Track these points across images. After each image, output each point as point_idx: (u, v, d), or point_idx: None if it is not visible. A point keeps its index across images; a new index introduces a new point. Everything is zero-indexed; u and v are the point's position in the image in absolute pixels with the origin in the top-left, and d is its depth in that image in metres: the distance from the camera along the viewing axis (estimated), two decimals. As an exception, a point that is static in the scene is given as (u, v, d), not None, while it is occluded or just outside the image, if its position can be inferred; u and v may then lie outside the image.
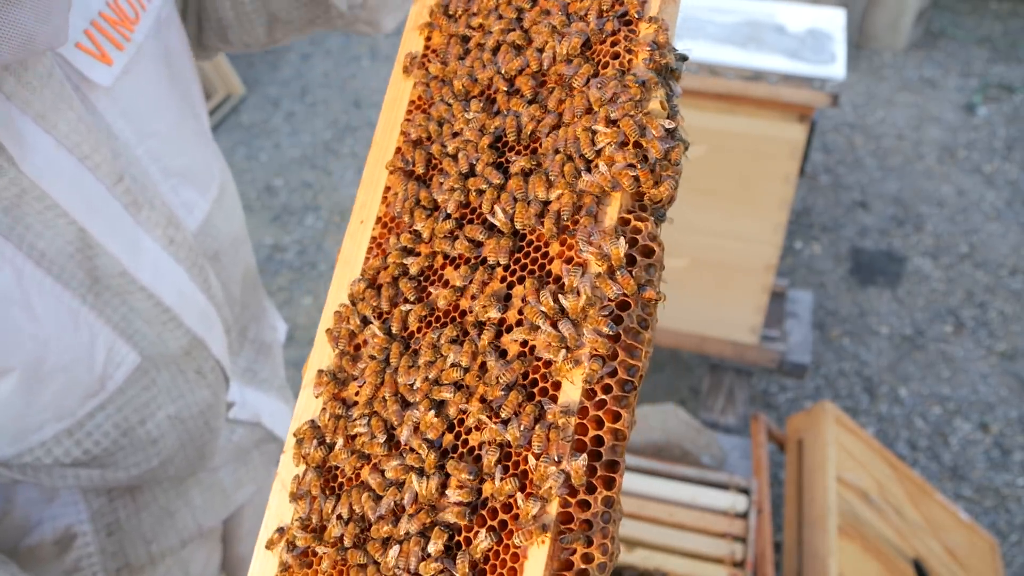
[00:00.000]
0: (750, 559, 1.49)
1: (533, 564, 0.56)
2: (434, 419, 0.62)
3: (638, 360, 0.58)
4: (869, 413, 2.84)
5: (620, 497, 0.58)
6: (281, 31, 1.09)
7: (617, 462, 0.57)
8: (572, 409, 0.57)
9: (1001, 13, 4.91)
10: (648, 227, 0.60)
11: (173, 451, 0.95)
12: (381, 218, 0.74)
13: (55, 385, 0.79)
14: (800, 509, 1.80)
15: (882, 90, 4.31)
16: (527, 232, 0.64)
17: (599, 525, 0.56)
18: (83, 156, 0.77)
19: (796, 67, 1.93)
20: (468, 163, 0.68)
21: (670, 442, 2.07)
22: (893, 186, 3.73)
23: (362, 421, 0.66)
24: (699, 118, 2.03)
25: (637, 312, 0.59)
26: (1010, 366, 2.96)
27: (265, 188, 3.90)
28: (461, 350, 0.62)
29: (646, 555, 1.51)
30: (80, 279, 0.79)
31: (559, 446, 0.57)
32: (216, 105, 4.39)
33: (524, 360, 0.61)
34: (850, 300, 3.23)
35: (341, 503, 0.65)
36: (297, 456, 0.69)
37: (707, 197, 2.16)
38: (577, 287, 0.59)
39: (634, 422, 0.59)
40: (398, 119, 0.77)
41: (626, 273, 0.58)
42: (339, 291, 0.74)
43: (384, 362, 0.67)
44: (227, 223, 1.05)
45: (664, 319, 2.46)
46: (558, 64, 0.67)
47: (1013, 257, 3.37)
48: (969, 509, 2.56)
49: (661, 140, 0.60)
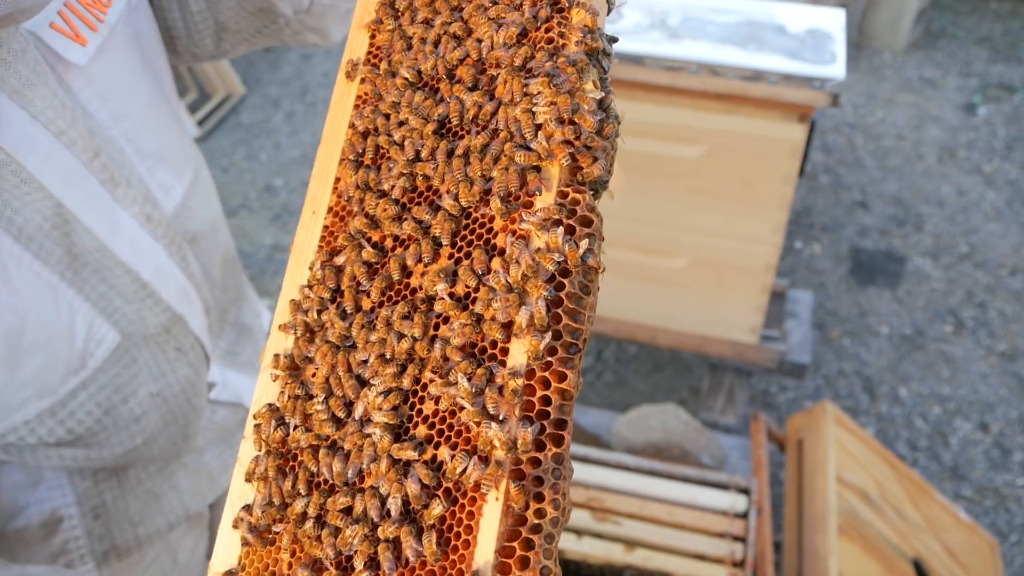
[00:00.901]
0: (750, 559, 1.49)
1: (488, 521, 0.58)
2: (382, 401, 0.65)
3: (581, 324, 0.62)
4: (869, 413, 2.84)
5: (569, 455, 0.61)
6: (229, 41, 1.10)
7: (565, 420, 0.60)
8: (520, 371, 0.61)
9: (1001, 13, 4.91)
10: (585, 199, 0.64)
11: (156, 429, 0.96)
12: (332, 207, 0.76)
13: (36, 361, 0.79)
14: (800, 509, 1.80)
15: (882, 90, 4.31)
16: (472, 210, 0.68)
17: (550, 481, 0.59)
18: (59, 132, 0.78)
19: (796, 67, 1.93)
20: (414, 149, 0.71)
21: (670, 442, 2.07)
22: (893, 186, 3.73)
23: (319, 400, 0.68)
24: (699, 118, 2.03)
25: (579, 279, 0.62)
26: (1010, 366, 2.96)
27: (265, 188, 3.90)
28: (412, 323, 0.65)
29: (646, 555, 1.51)
30: (59, 256, 0.80)
31: (509, 406, 0.60)
32: (216, 105, 4.39)
33: (473, 329, 0.63)
34: (850, 300, 3.23)
35: (300, 480, 0.67)
36: (257, 440, 0.71)
37: (707, 197, 2.16)
38: (518, 258, 0.62)
39: (580, 383, 0.62)
40: (346, 114, 0.80)
41: (570, 244, 0.62)
42: (293, 280, 0.76)
43: (336, 344, 0.70)
44: (203, 207, 1.06)
45: (664, 319, 2.46)
46: (496, 51, 0.71)
47: (1013, 257, 3.37)
48: (969, 509, 2.56)
49: (593, 114, 0.65)
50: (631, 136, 2.11)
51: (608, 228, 2.55)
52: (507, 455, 0.59)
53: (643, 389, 2.93)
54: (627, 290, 2.43)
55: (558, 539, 0.60)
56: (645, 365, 3.01)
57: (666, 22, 2.11)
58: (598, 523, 1.57)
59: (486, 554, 0.58)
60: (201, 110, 4.30)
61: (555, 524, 0.59)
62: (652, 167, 2.14)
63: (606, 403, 2.87)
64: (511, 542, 0.59)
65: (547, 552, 0.58)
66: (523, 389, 0.60)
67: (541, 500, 0.59)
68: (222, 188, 3.90)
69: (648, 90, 2.01)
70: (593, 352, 3.07)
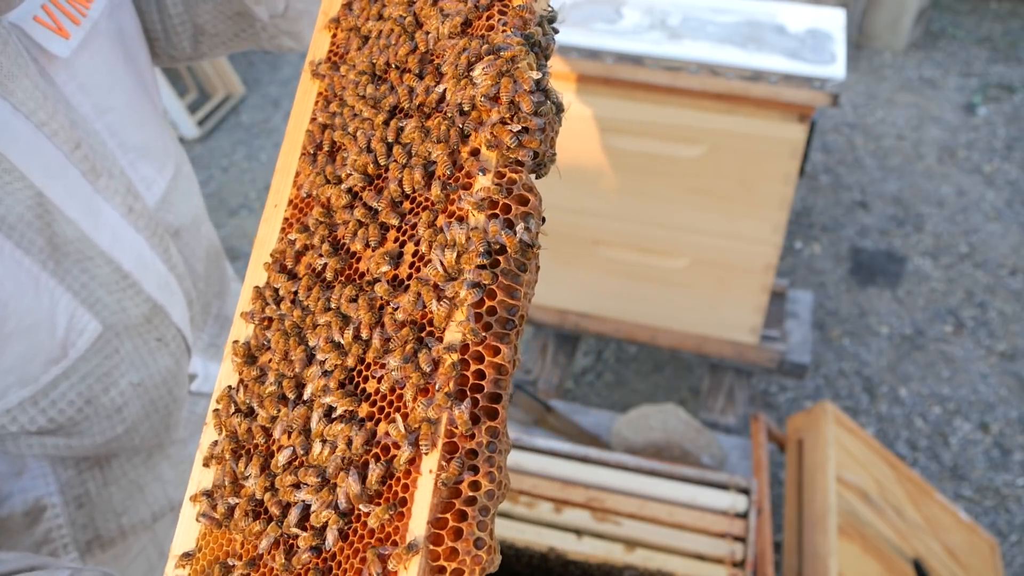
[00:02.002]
0: (750, 559, 1.49)
1: (421, 493, 0.60)
2: (327, 381, 0.68)
3: (517, 300, 0.64)
4: (869, 413, 2.84)
5: (506, 430, 0.63)
6: (207, 44, 1.11)
7: (500, 395, 0.62)
8: (455, 346, 0.63)
9: (1001, 13, 4.91)
10: (522, 178, 0.66)
11: (138, 420, 0.97)
12: (293, 200, 0.79)
13: (17, 349, 0.80)
14: (800, 509, 1.80)
15: (882, 90, 4.31)
16: (416, 195, 0.71)
17: (485, 454, 0.61)
18: (40, 123, 0.79)
19: (796, 67, 1.93)
20: (366, 139, 0.74)
21: (670, 442, 2.07)
22: (893, 186, 3.73)
23: (272, 382, 0.71)
24: (699, 118, 2.03)
25: (515, 257, 0.64)
26: (1010, 366, 2.96)
27: (265, 188, 3.90)
28: (358, 305, 0.68)
29: (646, 555, 1.51)
30: (40, 245, 0.80)
31: (445, 379, 0.62)
32: (216, 105, 4.39)
33: (415, 305, 0.66)
34: (850, 300, 3.23)
35: (252, 463, 0.69)
36: (217, 424, 0.73)
37: (707, 197, 2.16)
38: (455, 237, 0.65)
39: (518, 360, 0.64)
40: (307, 111, 0.83)
41: (506, 230, 0.64)
42: (255, 272, 0.79)
43: (287, 331, 0.73)
44: (184, 202, 1.07)
45: (664, 319, 2.46)
46: (442, 41, 0.74)
47: (1013, 257, 3.37)
48: (969, 509, 2.56)
49: (531, 94, 0.67)
50: (631, 136, 2.11)
51: (608, 228, 2.55)
52: (438, 430, 0.61)
53: (643, 389, 2.93)
54: (627, 290, 2.43)
55: (494, 512, 0.61)
56: (645, 365, 3.01)
57: (666, 22, 2.11)
58: (598, 523, 1.57)
59: (419, 525, 0.60)
60: (201, 110, 4.30)
61: (491, 497, 0.60)
62: (652, 167, 2.14)
63: (606, 403, 2.87)
64: (444, 514, 0.60)
65: (481, 524, 0.60)
66: (459, 363, 0.62)
67: (476, 473, 0.60)
68: (222, 188, 3.90)
69: (648, 90, 2.01)
70: (593, 352, 3.07)
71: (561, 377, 2.61)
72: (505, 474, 0.62)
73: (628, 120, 2.09)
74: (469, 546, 0.59)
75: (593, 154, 2.16)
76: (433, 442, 0.61)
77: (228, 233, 3.64)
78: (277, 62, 4.77)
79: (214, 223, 3.56)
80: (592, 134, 2.12)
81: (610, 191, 2.22)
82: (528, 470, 1.67)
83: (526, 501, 1.61)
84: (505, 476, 0.62)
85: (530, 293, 0.65)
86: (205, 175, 3.97)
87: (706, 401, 2.51)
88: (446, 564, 0.60)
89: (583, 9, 2.17)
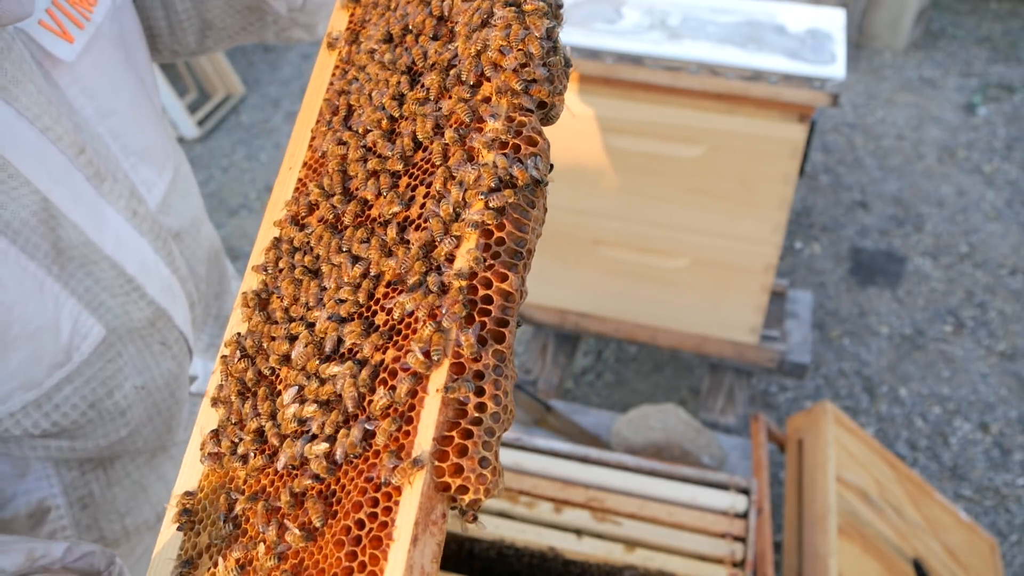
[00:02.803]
0: (750, 559, 1.49)
1: (428, 412, 0.61)
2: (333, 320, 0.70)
3: (525, 234, 0.66)
4: (869, 413, 2.84)
5: (512, 358, 0.64)
6: (213, 38, 1.11)
7: (507, 320, 0.64)
8: (464, 273, 0.64)
9: (1001, 13, 4.91)
10: (531, 121, 0.68)
11: (141, 422, 0.97)
12: (307, 162, 0.82)
13: (21, 354, 0.80)
14: (800, 509, 1.80)
15: (882, 90, 4.31)
16: (427, 143, 0.73)
17: (491, 377, 0.62)
18: (44, 128, 0.79)
19: (796, 67, 1.93)
20: (380, 97, 0.77)
21: (670, 442, 2.07)
22: (893, 186, 3.73)
23: (282, 322, 0.73)
24: (699, 118, 2.03)
25: (524, 192, 0.66)
26: (1010, 366, 2.96)
27: (265, 188, 3.89)
28: (370, 245, 0.71)
29: (646, 555, 1.51)
30: (45, 250, 0.80)
31: (453, 302, 0.63)
32: (216, 105, 4.39)
33: (426, 238, 0.68)
34: (850, 300, 3.23)
35: (260, 398, 0.71)
36: (224, 370, 0.75)
37: (707, 197, 2.16)
38: (465, 175, 0.67)
39: (525, 292, 0.66)
40: (324, 82, 0.86)
41: (516, 164, 0.66)
42: (267, 232, 0.81)
43: (302, 272, 0.75)
44: (183, 204, 1.07)
45: (664, 319, 2.46)
46: (456, 6, 0.76)
47: (1013, 257, 3.37)
48: (969, 509, 2.56)
49: (541, 40, 0.70)
50: (631, 136, 2.11)
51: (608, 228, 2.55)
52: (449, 339, 0.62)
53: (643, 389, 2.93)
54: (627, 290, 2.43)
55: (499, 437, 0.61)
56: (645, 365, 3.01)
57: (666, 22, 2.11)
58: (598, 523, 1.57)
59: (425, 441, 0.60)
60: (201, 110, 4.30)
61: (496, 420, 0.61)
62: (652, 167, 2.14)
63: (606, 403, 2.87)
64: (451, 432, 0.61)
65: (487, 445, 0.60)
66: (466, 288, 0.64)
67: (481, 394, 0.61)
68: (222, 188, 3.90)
69: (648, 90, 2.01)
70: (593, 352, 3.07)
71: (561, 377, 2.61)
72: (511, 402, 0.63)
73: (628, 120, 2.09)
74: (474, 464, 0.59)
75: (593, 154, 2.16)
76: (444, 351, 0.62)
77: (228, 233, 3.64)
78: (277, 62, 4.77)
79: (214, 223, 3.56)
80: (592, 134, 2.12)
81: (610, 191, 2.22)
82: (528, 470, 1.67)
83: (526, 501, 1.61)
84: (511, 404, 0.63)
85: (538, 229, 0.67)
86: (205, 175, 3.97)
87: (706, 401, 2.51)
88: (450, 481, 0.60)
89: (583, 9, 2.17)
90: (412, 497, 0.59)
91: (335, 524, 0.62)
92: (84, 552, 0.75)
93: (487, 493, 0.60)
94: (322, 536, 0.62)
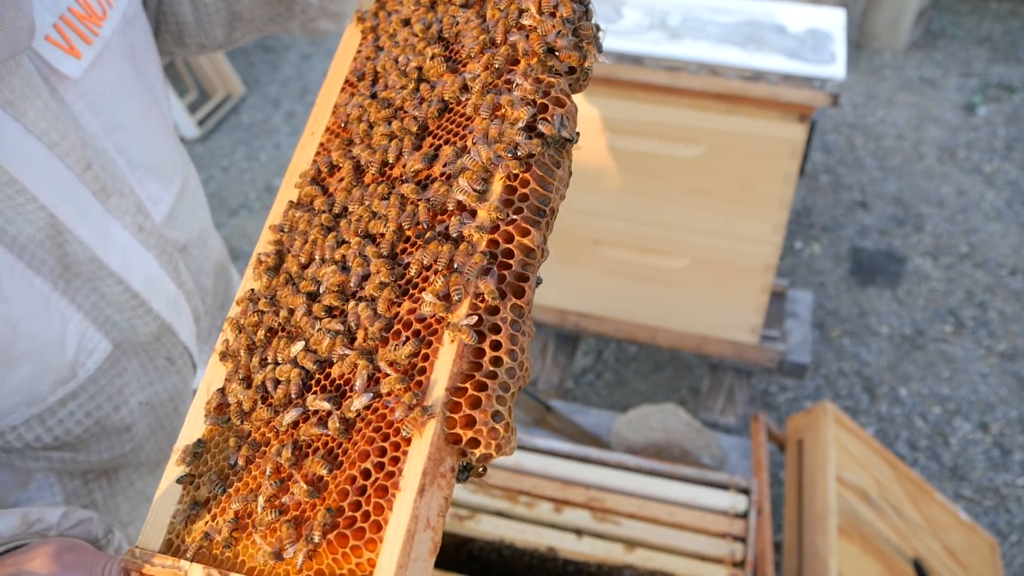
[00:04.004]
0: (750, 559, 1.49)
1: (442, 362, 0.60)
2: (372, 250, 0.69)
3: (549, 192, 0.66)
4: (869, 413, 2.84)
5: (530, 314, 0.63)
6: (241, 30, 1.11)
7: (527, 276, 0.63)
8: (485, 226, 0.64)
9: (1001, 13, 4.91)
10: (559, 83, 0.68)
11: (144, 436, 0.97)
12: (330, 128, 0.82)
13: (26, 370, 0.80)
14: (800, 509, 1.80)
15: (882, 90, 4.30)
16: (453, 104, 0.74)
17: (508, 331, 0.61)
18: (52, 144, 0.79)
19: (796, 67, 1.93)
20: (406, 60, 0.78)
21: (670, 442, 2.07)
22: (893, 186, 3.73)
23: (296, 279, 0.73)
24: (699, 118, 2.03)
25: (550, 152, 0.66)
26: (1010, 366, 2.96)
27: (265, 188, 3.89)
28: (389, 202, 0.71)
29: (646, 555, 1.51)
30: (51, 265, 0.80)
31: (472, 255, 0.63)
32: (216, 105, 4.39)
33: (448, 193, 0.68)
34: (850, 300, 3.23)
35: (271, 346, 0.71)
36: (232, 326, 0.75)
37: (707, 197, 2.16)
38: (492, 132, 0.67)
39: (546, 251, 0.65)
40: (351, 52, 0.86)
41: (543, 121, 0.67)
42: (285, 196, 0.81)
43: (321, 230, 0.75)
44: (190, 217, 1.07)
45: (664, 319, 2.46)
46: None
47: (1013, 257, 3.37)
48: (969, 509, 2.56)
49: (574, 4, 0.71)
50: (631, 136, 2.11)
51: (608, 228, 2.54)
52: (469, 280, 0.62)
53: (643, 389, 2.92)
54: (627, 290, 2.43)
55: (514, 393, 0.60)
56: (645, 365, 3.01)
57: (666, 22, 2.11)
58: (598, 523, 1.57)
59: (438, 390, 0.59)
60: (201, 110, 4.30)
61: (511, 375, 0.60)
62: (652, 167, 2.14)
63: (606, 403, 2.87)
64: (464, 384, 0.60)
65: (500, 399, 0.59)
66: (487, 242, 0.64)
67: (498, 348, 0.60)
68: (222, 188, 3.90)
69: (648, 90, 2.01)
70: (593, 352, 3.07)
71: (561, 377, 2.61)
72: (528, 359, 0.62)
73: (628, 120, 2.09)
74: (487, 417, 0.58)
75: (593, 154, 2.16)
76: (464, 290, 0.61)
77: (228, 233, 3.64)
78: (277, 62, 4.77)
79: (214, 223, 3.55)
80: (592, 134, 2.12)
81: (610, 191, 2.22)
82: (528, 470, 1.66)
83: (526, 501, 1.61)
84: (527, 361, 0.62)
85: (562, 190, 0.67)
86: (205, 175, 3.97)
87: (706, 401, 2.51)
88: (462, 433, 0.58)
89: (583, 9, 2.16)
90: (421, 447, 0.58)
91: (340, 474, 0.61)
92: (81, 519, 0.75)
93: (499, 449, 0.58)
94: (326, 488, 0.61)
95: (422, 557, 0.56)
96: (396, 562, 0.54)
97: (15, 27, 0.70)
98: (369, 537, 0.57)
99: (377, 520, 0.57)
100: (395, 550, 0.55)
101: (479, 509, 1.59)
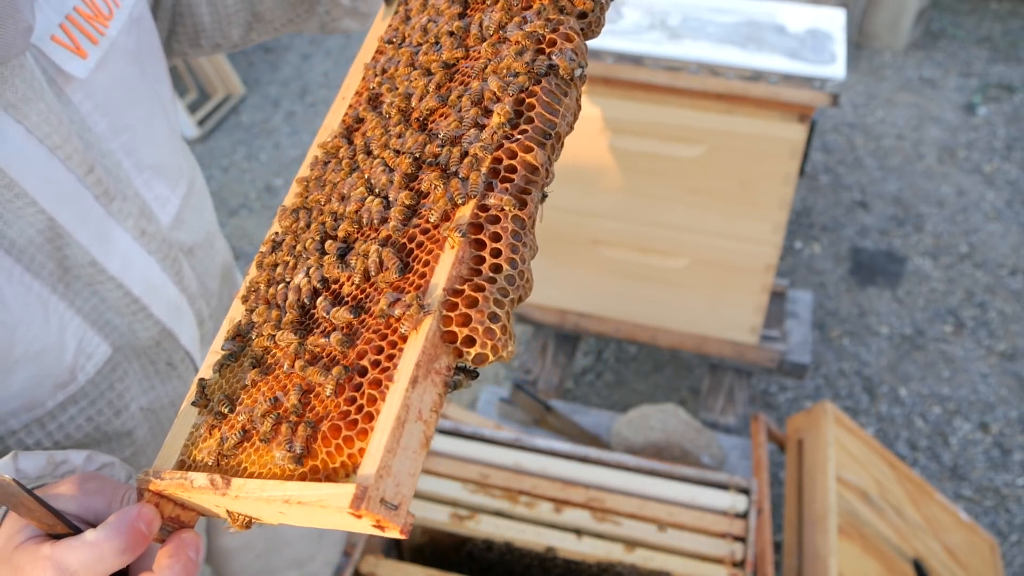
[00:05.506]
0: (750, 559, 1.49)
1: (442, 265, 0.62)
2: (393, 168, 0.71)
3: (555, 118, 0.67)
4: (869, 413, 2.84)
5: (533, 229, 0.65)
6: (259, 31, 1.10)
7: (530, 191, 0.64)
8: (490, 144, 0.66)
9: (1001, 13, 4.91)
10: (569, 21, 0.71)
11: (145, 442, 0.97)
12: (360, 91, 0.84)
13: (25, 375, 0.80)
14: (800, 509, 1.80)
15: (882, 90, 4.31)
16: (470, 49, 0.76)
17: (508, 241, 0.62)
18: (54, 147, 0.78)
19: (796, 67, 1.93)
20: (434, 26, 0.80)
21: (670, 442, 2.07)
22: (893, 186, 3.73)
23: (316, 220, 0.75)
24: (699, 118, 2.03)
25: (556, 81, 0.68)
26: (1010, 366, 2.96)
27: (265, 188, 3.90)
28: (405, 139, 0.72)
29: (646, 555, 1.51)
30: (50, 269, 0.80)
31: (478, 165, 0.64)
32: (216, 105, 4.39)
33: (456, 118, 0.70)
34: (850, 300, 3.23)
35: (290, 267, 0.73)
36: (258, 261, 0.77)
37: (707, 197, 2.16)
38: (504, 60, 0.69)
39: (552, 174, 0.66)
40: (381, 30, 0.88)
41: (557, 53, 0.68)
42: (312, 153, 0.83)
43: (348, 164, 0.77)
44: (197, 218, 1.06)
45: (664, 319, 2.46)
46: None
47: (1013, 257, 3.37)
48: (969, 509, 2.56)
49: None
50: (631, 136, 2.11)
51: (608, 228, 2.54)
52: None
53: (643, 389, 2.92)
54: (627, 290, 2.43)
55: (513, 300, 0.61)
56: (645, 365, 3.01)
57: (666, 22, 2.11)
58: (598, 523, 1.57)
59: (436, 289, 0.61)
60: (201, 110, 4.30)
61: (511, 283, 0.61)
62: (652, 167, 2.14)
63: (606, 403, 2.87)
64: (462, 286, 0.61)
65: (498, 302, 0.60)
66: (490, 159, 0.65)
67: (497, 256, 0.61)
68: (222, 188, 3.90)
69: (648, 90, 2.01)
70: (593, 352, 3.07)
71: (561, 377, 2.61)
72: (529, 271, 0.62)
73: (628, 120, 2.09)
74: (483, 316, 0.58)
75: (593, 154, 2.16)
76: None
77: (228, 233, 3.64)
78: (277, 62, 4.77)
79: (214, 223, 3.55)
80: (592, 134, 2.12)
81: (610, 191, 2.22)
82: (528, 470, 1.66)
83: (526, 501, 1.61)
84: (529, 274, 0.62)
85: (569, 119, 0.68)
86: (205, 175, 3.96)
87: (706, 401, 2.51)
88: (457, 331, 0.59)
89: (583, 9, 2.17)
90: (416, 342, 0.59)
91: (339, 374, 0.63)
92: (104, 463, 0.75)
93: (495, 350, 0.58)
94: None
95: (412, 447, 0.57)
96: (384, 446, 0.55)
97: (10, 30, 0.70)
98: (361, 427, 0.58)
99: (370, 411, 0.58)
100: (383, 436, 0.55)
101: (479, 509, 1.59)
